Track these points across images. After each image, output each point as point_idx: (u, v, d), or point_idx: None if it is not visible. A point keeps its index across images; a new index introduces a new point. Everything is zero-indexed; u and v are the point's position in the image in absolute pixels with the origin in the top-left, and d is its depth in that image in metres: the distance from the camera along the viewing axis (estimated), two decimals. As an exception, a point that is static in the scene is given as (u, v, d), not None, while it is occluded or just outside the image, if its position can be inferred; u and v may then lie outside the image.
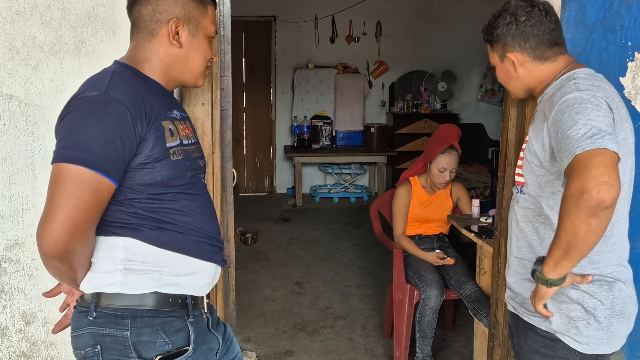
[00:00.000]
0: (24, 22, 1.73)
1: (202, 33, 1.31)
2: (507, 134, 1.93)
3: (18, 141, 1.78)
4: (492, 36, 1.48)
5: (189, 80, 1.35)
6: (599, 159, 1.16)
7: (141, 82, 1.25)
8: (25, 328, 1.87)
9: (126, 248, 1.21)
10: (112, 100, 1.13)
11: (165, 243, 1.23)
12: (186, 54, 1.30)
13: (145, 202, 1.21)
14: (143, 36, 1.29)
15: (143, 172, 1.19)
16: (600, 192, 1.13)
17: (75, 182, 1.08)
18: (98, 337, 1.19)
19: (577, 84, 1.32)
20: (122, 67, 1.27)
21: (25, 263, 1.84)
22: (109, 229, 1.21)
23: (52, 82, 1.77)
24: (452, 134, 2.93)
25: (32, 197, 1.81)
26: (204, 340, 1.30)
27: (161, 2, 1.26)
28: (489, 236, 2.43)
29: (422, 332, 2.73)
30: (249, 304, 3.60)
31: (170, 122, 1.27)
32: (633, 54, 1.80)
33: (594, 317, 1.35)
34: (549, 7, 1.44)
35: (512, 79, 1.50)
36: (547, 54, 1.44)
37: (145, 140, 1.18)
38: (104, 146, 1.10)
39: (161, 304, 1.22)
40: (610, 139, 1.19)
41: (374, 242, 4.74)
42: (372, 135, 6.43)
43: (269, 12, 6.65)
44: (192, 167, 1.30)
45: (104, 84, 1.17)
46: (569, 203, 1.18)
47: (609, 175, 1.14)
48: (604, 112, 1.26)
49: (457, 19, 6.67)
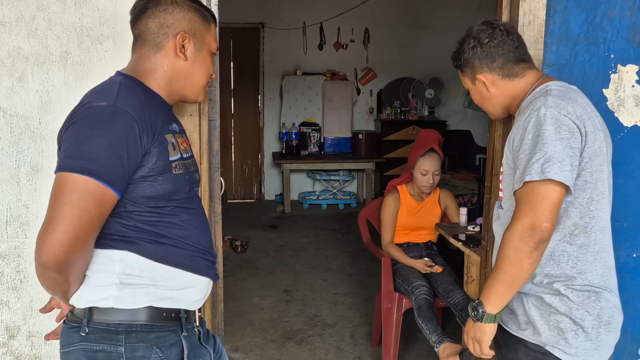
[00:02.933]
0: (8, 32, 1.71)
1: (206, 48, 1.33)
2: (494, 144, 1.95)
3: (2, 152, 1.76)
4: (460, 61, 1.55)
5: (191, 94, 1.36)
6: (546, 194, 1.29)
7: (145, 95, 1.26)
8: (9, 342, 1.84)
9: (122, 262, 1.20)
10: (121, 112, 1.14)
11: (163, 257, 1.23)
12: (191, 67, 1.31)
13: (145, 215, 1.20)
14: (148, 48, 1.29)
15: (145, 185, 1.19)
16: (543, 231, 1.28)
17: (80, 192, 1.08)
18: (91, 353, 1.17)
19: (547, 98, 1.36)
20: (127, 78, 1.27)
21: (9, 276, 1.81)
22: (106, 241, 1.20)
23: (37, 93, 1.75)
24: (430, 137, 2.97)
25: (17, 209, 1.78)
26: (196, 354, 1.30)
27: (169, 15, 1.27)
28: (476, 245, 2.44)
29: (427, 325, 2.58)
30: (237, 312, 3.58)
31: (172, 135, 1.28)
32: (616, 66, 1.82)
33: (582, 328, 1.37)
34: (510, 27, 1.51)
35: (487, 100, 1.56)
36: (515, 71, 1.49)
37: (149, 154, 1.18)
38: (110, 158, 1.10)
39: (155, 318, 1.22)
40: (559, 168, 1.28)
41: (363, 250, 4.74)
42: (360, 142, 6.45)
43: (257, 19, 6.65)
44: (190, 181, 1.31)
45: (112, 94, 1.16)
46: (515, 238, 1.30)
47: (551, 216, 1.29)
48: (564, 134, 1.31)
49: (444, 27, 6.72)
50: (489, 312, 1.39)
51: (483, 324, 1.41)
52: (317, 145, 6.62)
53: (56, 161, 1.15)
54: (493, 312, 1.39)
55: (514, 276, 1.33)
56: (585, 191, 1.37)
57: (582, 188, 1.36)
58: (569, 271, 1.38)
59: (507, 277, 1.33)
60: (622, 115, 1.84)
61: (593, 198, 1.38)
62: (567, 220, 1.38)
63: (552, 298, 1.38)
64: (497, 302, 1.38)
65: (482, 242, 2.06)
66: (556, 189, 1.29)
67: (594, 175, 1.37)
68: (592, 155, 1.36)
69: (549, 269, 1.39)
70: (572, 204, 1.37)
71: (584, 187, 1.36)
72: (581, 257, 1.38)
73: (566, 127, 1.32)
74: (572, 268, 1.38)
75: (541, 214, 1.28)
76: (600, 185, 1.39)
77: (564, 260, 1.38)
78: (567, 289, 1.38)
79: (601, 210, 1.40)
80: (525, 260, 1.30)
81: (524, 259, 1.30)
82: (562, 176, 1.28)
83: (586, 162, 1.35)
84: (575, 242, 1.38)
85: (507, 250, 1.32)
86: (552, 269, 1.39)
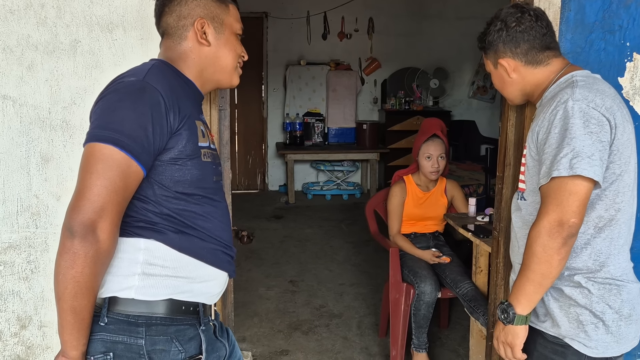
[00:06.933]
0: (17, 20, 1.69)
1: (227, 30, 1.34)
2: (506, 134, 1.93)
3: (12, 142, 1.75)
4: (484, 43, 1.51)
5: (224, 79, 1.37)
6: (573, 190, 1.26)
7: (178, 80, 1.27)
8: (21, 332, 1.84)
9: (148, 250, 1.19)
10: (149, 87, 1.15)
11: (186, 248, 1.22)
12: (216, 51, 1.32)
13: (172, 202, 1.20)
14: (173, 40, 1.31)
15: (174, 168, 1.19)
16: (571, 226, 1.26)
17: (106, 162, 1.09)
18: (110, 344, 1.16)
19: (574, 90, 1.33)
20: (161, 62, 1.29)
21: (20, 266, 1.81)
22: (133, 229, 1.19)
23: (47, 82, 1.74)
24: (433, 124, 2.98)
25: (27, 199, 1.77)
26: (213, 348, 1.29)
27: (183, 7, 1.29)
28: (487, 235, 2.43)
29: (417, 323, 2.76)
30: (244, 302, 3.58)
31: (202, 123, 1.28)
32: (631, 54, 1.80)
33: (602, 322, 1.35)
34: (540, 13, 1.47)
35: (507, 85, 1.52)
36: (540, 58, 1.45)
37: (179, 135, 1.18)
38: (135, 129, 1.11)
39: (174, 311, 1.21)
40: (587, 163, 1.25)
41: (368, 240, 4.74)
42: (365, 133, 6.42)
43: (261, 8, 6.61)
44: (217, 172, 1.32)
45: (142, 72, 1.19)
46: (543, 234, 1.28)
47: (579, 211, 1.27)
48: (593, 128, 1.28)
49: (449, 16, 6.68)
50: (519, 314, 1.36)
51: (515, 326, 1.37)
52: (321, 136, 6.59)
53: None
54: (524, 313, 1.36)
55: (543, 274, 1.30)
56: (612, 184, 1.34)
57: (609, 180, 1.34)
58: (591, 264, 1.36)
59: (536, 275, 1.31)
60: (638, 104, 1.81)
61: (619, 190, 1.35)
62: (592, 212, 1.35)
63: (572, 290, 1.37)
64: (527, 303, 1.35)
65: (494, 232, 2.05)
66: (584, 184, 1.27)
67: (622, 168, 1.35)
68: (620, 148, 1.33)
69: (571, 262, 1.37)
70: (599, 196, 1.34)
71: (610, 179, 1.34)
72: (604, 250, 1.36)
73: (595, 121, 1.29)
74: (595, 261, 1.36)
75: (569, 209, 1.26)
76: (627, 177, 1.36)
77: (587, 253, 1.36)
78: (589, 282, 1.36)
79: (627, 203, 1.38)
80: (555, 257, 1.28)
81: (553, 256, 1.28)
82: (591, 172, 1.26)
83: (615, 154, 1.33)
84: (599, 235, 1.36)
85: (535, 247, 1.29)
86: (574, 261, 1.37)
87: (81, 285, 1.08)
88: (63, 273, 1.08)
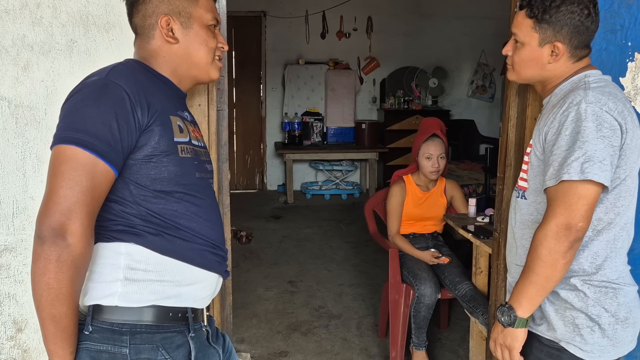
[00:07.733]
0: (13, 20, 1.67)
1: (196, 23, 1.28)
2: (507, 134, 1.92)
3: (8, 143, 1.73)
4: (547, 15, 1.33)
5: (200, 74, 1.32)
6: (583, 194, 1.24)
7: (149, 76, 1.24)
8: (17, 335, 1.82)
9: (129, 255, 1.16)
10: (111, 84, 1.13)
11: (169, 250, 1.19)
12: (186, 47, 1.28)
13: (152, 201, 1.16)
14: (142, 40, 1.29)
15: (150, 166, 1.16)
16: (579, 230, 1.25)
17: (70, 163, 1.06)
18: (94, 353, 1.13)
19: (587, 93, 1.29)
20: (131, 60, 1.27)
21: (16, 268, 1.79)
22: (112, 233, 1.16)
23: (42, 83, 1.72)
24: (432, 124, 2.97)
25: (23, 200, 1.76)
26: (205, 355, 1.25)
27: (148, 5, 1.26)
28: (487, 236, 2.42)
29: (417, 324, 2.75)
30: (242, 303, 3.57)
31: (180, 119, 1.25)
32: (633, 54, 1.78)
33: (598, 325, 1.34)
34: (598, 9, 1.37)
35: (536, 66, 1.39)
36: (579, 54, 1.38)
37: (150, 131, 1.15)
38: (99, 128, 1.08)
39: (161, 318, 1.17)
40: (599, 168, 1.23)
41: (367, 240, 4.73)
42: (364, 132, 6.41)
43: (259, 7, 6.59)
44: (201, 168, 1.27)
45: (106, 70, 1.17)
46: (550, 237, 1.26)
47: (587, 215, 1.26)
48: (605, 132, 1.26)
49: (448, 15, 6.67)
50: (520, 316, 1.34)
51: (514, 329, 1.35)
52: (319, 135, 6.58)
53: None
54: (525, 316, 1.34)
55: (547, 277, 1.28)
56: (615, 188, 1.33)
57: (613, 184, 1.32)
58: (588, 267, 1.35)
59: (539, 278, 1.29)
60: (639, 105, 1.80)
61: (621, 195, 1.34)
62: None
63: (568, 293, 1.35)
64: (529, 306, 1.33)
65: (495, 233, 2.04)
66: (594, 189, 1.25)
67: (627, 172, 1.33)
68: (628, 152, 1.31)
69: None
70: (600, 199, 1.32)
71: (614, 183, 1.32)
72: (601, 253, 1.35)
73: (607, 125, 1.26)
74: (592, 263, 1.35)
75: (577, 213, 1.24)
76: (630, 181, 1.34)
77: (584, 256, 1.35)
78: (584, 285, 1.35)
79: (627, 207, 1.36)
80: (560, 261, 1.26)
81: (558, 260, 1.26)
82: (602, 177, 1.24)
83: (622, 158, 1.31)
84: (597, 238, 1.35)
85: (541, 250, 1.27)
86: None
87: (56, 291, 1.04)
88: (37, 280, 1.05)
